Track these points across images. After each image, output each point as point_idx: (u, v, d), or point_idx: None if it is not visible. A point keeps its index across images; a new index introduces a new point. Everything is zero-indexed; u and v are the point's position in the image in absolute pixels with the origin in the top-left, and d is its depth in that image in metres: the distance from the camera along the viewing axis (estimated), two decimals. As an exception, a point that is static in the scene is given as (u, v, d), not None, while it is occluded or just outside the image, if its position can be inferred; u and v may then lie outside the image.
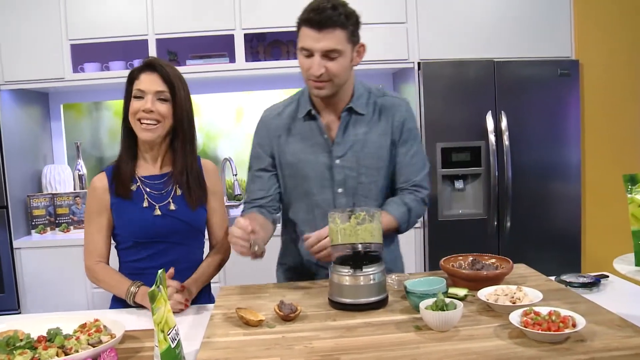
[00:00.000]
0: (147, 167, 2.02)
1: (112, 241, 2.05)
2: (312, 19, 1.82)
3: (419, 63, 3.49)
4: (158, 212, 1.96)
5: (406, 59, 3.52)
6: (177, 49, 3.69)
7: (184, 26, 3.49)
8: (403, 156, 2.06)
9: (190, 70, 3.53)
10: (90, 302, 3.44)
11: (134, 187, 1.98)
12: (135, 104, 1.92)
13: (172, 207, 1.98)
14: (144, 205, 1.96)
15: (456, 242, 3.48)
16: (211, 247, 2.15)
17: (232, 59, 3.52)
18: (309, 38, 1.84)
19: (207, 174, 2.09)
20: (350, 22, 1.86)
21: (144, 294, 1.85)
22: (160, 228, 1.96)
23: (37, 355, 1.38)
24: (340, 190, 2.01)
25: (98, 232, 2.00)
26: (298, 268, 2.15)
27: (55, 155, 4.10)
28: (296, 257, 2.15)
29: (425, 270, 3.51)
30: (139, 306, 1.89)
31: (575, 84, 3.51)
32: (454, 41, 3.53)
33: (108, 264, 2.03)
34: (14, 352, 1.38)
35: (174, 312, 1.71)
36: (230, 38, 3.48)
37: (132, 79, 1.95)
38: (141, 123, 1.91)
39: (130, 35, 3.49)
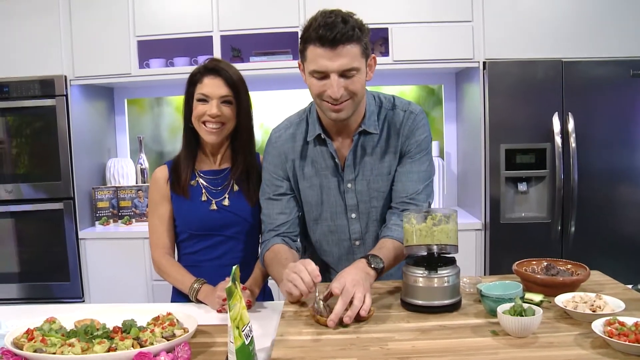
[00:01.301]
0: (207, 162, 2.07)
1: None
2: (324, 36, 1.65)
3: (484, 62, 3.42)
4: (214, 206, 2.01)
5: (471, 58, 3.45)
6: (241, 46, 3.72)
7: (248, 23, 3.51)
8: (400, 169, 1.92)
9: (253, 67, 3.56)
10: (150, 294, 3.51)
11: (193, 182, 2.03)
12: (200, 108, 1.95)
13: (227, 202, 2.01)
14: (202, 199, 2.01)
15: (518, 246, 3.40)
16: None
17: (296, 56, 3.51)
18: (322, 58, 1.68)
19: None
20: (363, 35, 1.72)
21: (206, 292, 1.89)
22: (214, 221, 2.00)
23: (114, 346, 1.40)
24: (353, 215, 1.95)
25: (161, 223, 2.05)
26: None
27: (118, 149, 4.20)
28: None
29: (485, 274, 3.44)
30: (199, 302, 1.92)
31: (648, 85, 3.38)
32: (520, 40, 3.44)
33: (173, 256, 2.08)
34: (93, 341, 1.41)
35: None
36: (294, 35, 3.47)
37: (194, 81, 1.98)
38: (205, 126, 1.95)
39: (195, 32, 3.53)
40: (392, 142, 1.91)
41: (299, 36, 1.77)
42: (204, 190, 2.03)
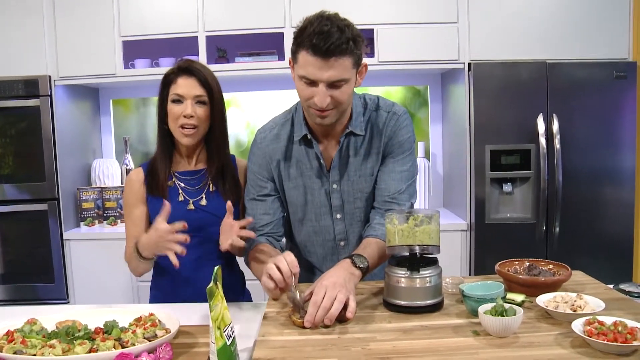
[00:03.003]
0: (183, 163, 2.07)
1: None
2: (317, 46, 1.63)
3: (469, 64, 3.44)
4: (192, 206, 2.01)
5: (456, 60, 3.47)
6: (227, 46, 3.71)
7: (233, 23, 3.51)
8: (382, 169, 1.93)
9: (238, 68, 3.56)
10: (136, 295, 3.49)
11: (170, 183, 2.03)
12: (174, 109, 1.94)
13: (204, 202, 2.01)
14: (179, 199, 2.01)
15: (503, 246, 3.41)
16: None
17: (281, 57, 3.53)
18: (312, 67, 1.66)
19: (242, 173, 2.11)
20: (357, 47, 1.69)
21: (147, 236, 1.86)
22: (192, 222, 1.94)
23: (95, 347, 1.39)
24: (338, 216, 1.96)
25: (136, 225, 2.04)
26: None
27: (104, 149, 4.18)
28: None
29: (470, 274, 3.45)
30: (144, 259, 1.92)
31: (632, 86, 3.40)
32: (505, 42, 3.46)
33: None
34: (74, 342, 1.41)
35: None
36: (280, 36, 3.48)
37: (168, 82, 1.97)
38: (182, 129, 1.94)
39: (181, 32, 3.52)
40: (374, 142, 1.92)
41: (293, 35, 1.75)
42: (180, 191, 2.02)
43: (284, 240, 2.08)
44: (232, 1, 3.51)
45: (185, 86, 1.93)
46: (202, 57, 3.52)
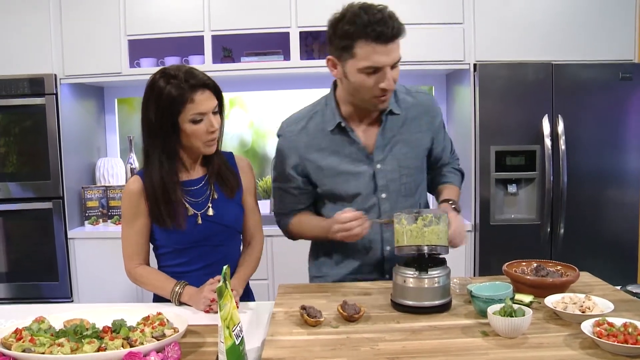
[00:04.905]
0: (184, 172, 1.96)
1: (151, 244, 2.03)
2: (383, 32, 1.70)
3: (474, 64, 3.43)
4: (200, 220, 1.93)
5: (462, 60, 3.46)
6: (232, 46, 3.71)
7: (239, 23, 3.51)
8: (442, 143, 2.12)
9: (244, 67, 3.56)
10: (140, 294, 3.49)
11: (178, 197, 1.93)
12: (199, 129, 1.82)
13: (211, 212, 1.95)
14: (189, 214, 1.92)
15: (507, 247, 3.41)
16: (245, 244, 2.11)
17: (287, 57, 3.52)
18: (377, 54, 1.73)
19: (242, 171, 2.06)
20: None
21: (189, 294, 1.85)
22: (201, 234, 1.94)
23: (103, 345, 1.39)
24: (384, 195, 1.97)
25: (136, 235, 1.95)
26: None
27: (108, 148, 4.18)
28: (332, 267, 2.09)
29: (474, 275, 3.45)
30: (182, 304, 1.87)
31: (637, 88, 3.39)
32: (511, 43, 3.45)
33: (148, 265, 2.01)
34: (82, 340, 1.41)
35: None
36: (286, 36, 3.48)
37: (181, 101, 1.78)
38: (206, 142, 1.87)
39: (186, 32, 3.52)
40: (417, 121, 2.00)
41: (337, 34, 1.79)
42: (188, 206, 1.93)
43: None
44: (238, 1, 3.50)
45: (205, 101, 1.81)
46: (207, 57, 3.52)
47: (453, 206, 1.98)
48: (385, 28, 1.70)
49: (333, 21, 1.81)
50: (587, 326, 1.40)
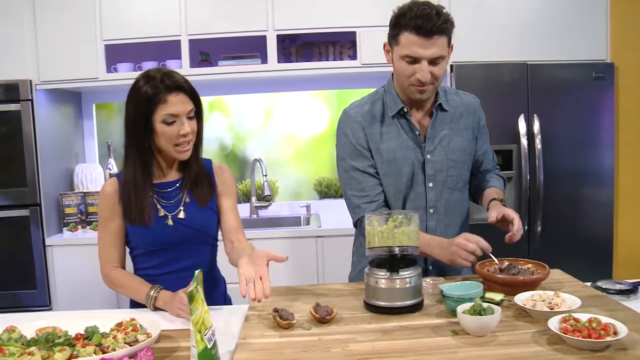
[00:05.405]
0: (158, 175, 1.98)
1: (126, 247, 2.04)
2: (422, 26, 1.83)
3: (451, 65, 3.46)
4: (170, 222, 1.94)
5: (438, 61, 3.49)
6: (210, 50, 3.71)
7: (216, 27, 3.50)
8: (485, 146, 2.21)
9: (222, 71, 3.56)
10: (119, 301, 3.47)
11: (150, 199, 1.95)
12: (170, 131, 1.84)
13: (182, 215, 1.96)
14: (160, 214, 1.94)
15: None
16: (227, 248, 2.08)
17: (264, 60, 3.53)
18: (415, 45, 1.86)
19: (220, 176, 2.07)
20: (451, 28, 1.91)
21: (164, 299, 1.84)
22: (171, 236, 1.94)
23: (75, 353, 1.39)
24: (431, 184, 2.07)
25: (112, 238, 1.97)
26: None
27: (87, 154, 4.15)
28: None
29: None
30: (158, 310, 1.87)
31: (610, 87, 3.45)
32: (487, 43, 3.49)
33: (124, 268, 2.02)
34: (54, 348, 1.40)
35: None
36: (263, 39, 3.49)
37: (154, 102, 1.82)
38: (179, 147, 1.88)
39: (163, 36, 3.51)
40: (464, 119, 2.11)
41: (391, 21, 1.94)
42: (159, 206, 1.95)
43: None
44: (215, 5, 3.50)
45: (178, 103, 1.83)
46: (185, 61, 3.52)
47: (503, 204, 2.05)
48: (426, 23, 1.83)
49: (394, 12, 1.96)
50: (554, 322, 1.42)
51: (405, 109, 2.04)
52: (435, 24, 1.83)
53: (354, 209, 2.09)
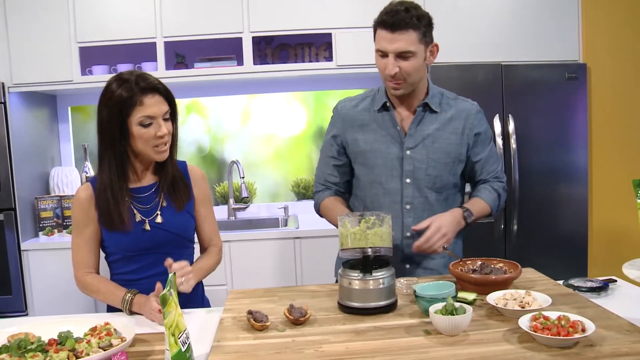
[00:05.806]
0: (133, 179, 1.96)
1: (102, 252, 2.02)
2: (386, 21, 1.92)
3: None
4: (147, 227, 1.93)
5: (413, 63, 3.51)
6: (185, 52, 3.70)
7: (192, 29, 3.50)
8: (480, 155, 2.17)
9: (198, 73, 3.55)
10: (97, 305, 3.45)
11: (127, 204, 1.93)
12: (147, 133, 1.83)
13: (159, 219, 1.95)
14: (136, 220, 1.93)
15: (462, 245, 3.46)
16: (202, 250, 2.13)
17: (240, 62, 3.53)
18: (383, 40, 1.95)
19: (196, 182, 2.07)
20: (422, 24, 1.93)
21: (140, 303, 1.84)
22: (149, 241, 1.93)
23: (48, 359, 1.39)
24: (408, 180, 2.09)
25: (86, 244, 1.95)
26: None
27: (62, 157, 4.11)
28: None
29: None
30: (134, 313, 1.86)
31: (582, 87, 3.51)
32: (461, 45, 3.53)
33: (99, 274, 2.00)
34: (26, 355, 1.39)
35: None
36: (238, 41, 3.49)
37: (130, 104, 1.81)
38: (157, 148, 1.87)
39: (139, 38, 3.50)
40: (455, 123, 2.12)
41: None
42: (136, 211, 1.94)
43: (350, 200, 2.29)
44: (190, 7, 3.50)
45: (155, 105, 1.82)
46: (160, 63, 3.51)
47: (465, 214, 2.06)
48: (388, 17, 1.91)
49: None
50: (524, 321, 1.44)
51: (388, 104, 2.09)
52: (399, 18, 1.89)
53: (314, 186, 2.31)
